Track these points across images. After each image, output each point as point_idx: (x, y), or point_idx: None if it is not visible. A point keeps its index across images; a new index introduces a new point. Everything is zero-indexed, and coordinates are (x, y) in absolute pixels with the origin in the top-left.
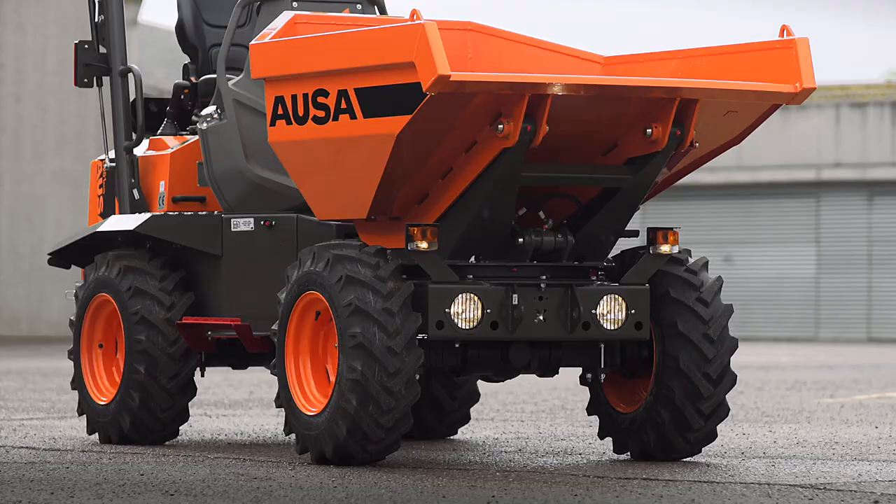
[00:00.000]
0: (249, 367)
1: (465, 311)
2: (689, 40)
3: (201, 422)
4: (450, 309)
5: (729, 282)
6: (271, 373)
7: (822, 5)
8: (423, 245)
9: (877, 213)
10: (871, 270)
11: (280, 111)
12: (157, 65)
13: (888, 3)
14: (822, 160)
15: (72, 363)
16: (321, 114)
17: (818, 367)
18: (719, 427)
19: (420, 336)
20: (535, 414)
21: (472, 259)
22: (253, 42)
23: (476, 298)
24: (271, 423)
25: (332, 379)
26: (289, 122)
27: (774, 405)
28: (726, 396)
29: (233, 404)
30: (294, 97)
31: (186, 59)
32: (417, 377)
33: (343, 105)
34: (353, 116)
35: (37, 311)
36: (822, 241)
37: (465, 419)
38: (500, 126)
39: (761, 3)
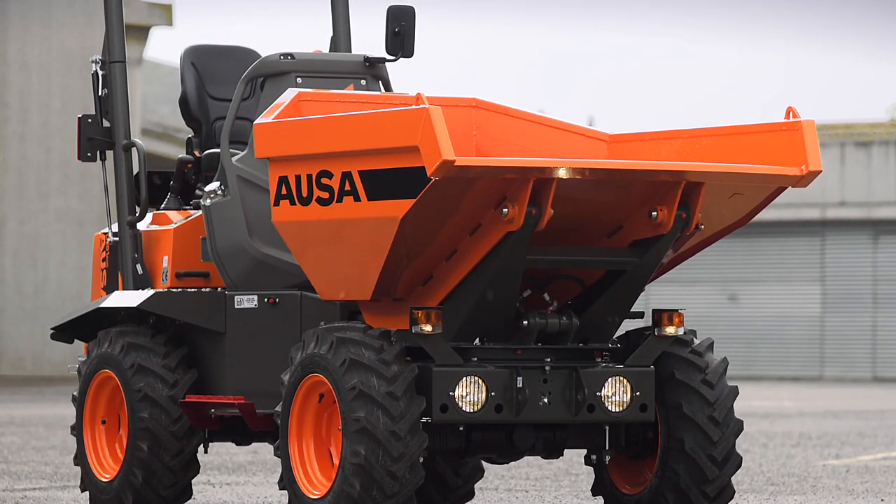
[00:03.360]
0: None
1: (470, 394)
2: (687, 81)
3: (205, 493)
4: (454, 392)
5: (734, 320)
6: (275, 454)
7: (826, 42)
8: (428, 328)
9: (882, 251)
10: (876, 309)
11: (284, 191)
12: (162, 101)
13: (892, 39)
14: (826, 199)
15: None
16: (325, 195)
17: (823, 414)
18: None
19: (424, 419)
20: (540, 481)
21: (477, 341)
22: (257, 121)
23: (480, 381)
24: (275, 493)
25: (336, 462)
26: (292, 203)
27: (779, 468)
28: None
29: (237, 468)
30: (298, 178)
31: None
32: (421, 460)
33: (347, 187)
34: (357, 199)
35: (41, 351)
36: (827, 280)
37: (469, 495)
38: (505, 210)
39: (763, 40)
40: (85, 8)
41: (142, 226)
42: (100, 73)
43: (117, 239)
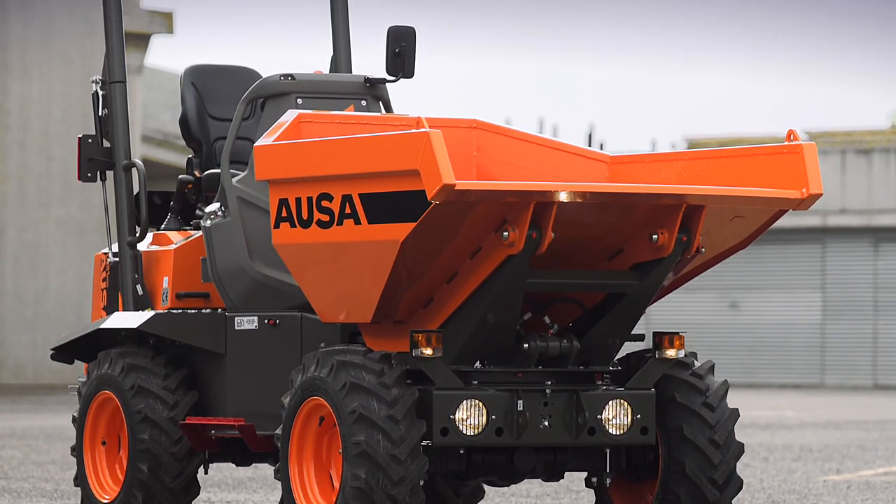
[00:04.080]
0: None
1: (470, 417)
2: (688, 88)
3: None
4: (454, 415)
5: (735, 328)
6: (275, 477)
7: (827, 50)
8: (428, 351)
9: (882, 259)
10: (876, 317)
11: (284, 214)
12: (162, 108)
13: (893, 46)
14: (827, 206)
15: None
16: (325, 218)
17: (824, 425)
18: None
19: (424, 442)
20: (541, 498)
21: (477, 364)
22: (257, 144)
23: (481, 404)
24: None
25: (336, 485)
26: (293, 225)
27: (780, 483)
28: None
29: (237, 484)
30: (298, 200)
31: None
32: (422, 483)
33: (347, 210)
34: (358, 222)
35: (41, 360)
36: (828, 288)
37: None
38: (506, 233)
39: (765, 48)
40: (86, 15)
41: (142, 246)
42: (100, 93)
43: (117, 259)
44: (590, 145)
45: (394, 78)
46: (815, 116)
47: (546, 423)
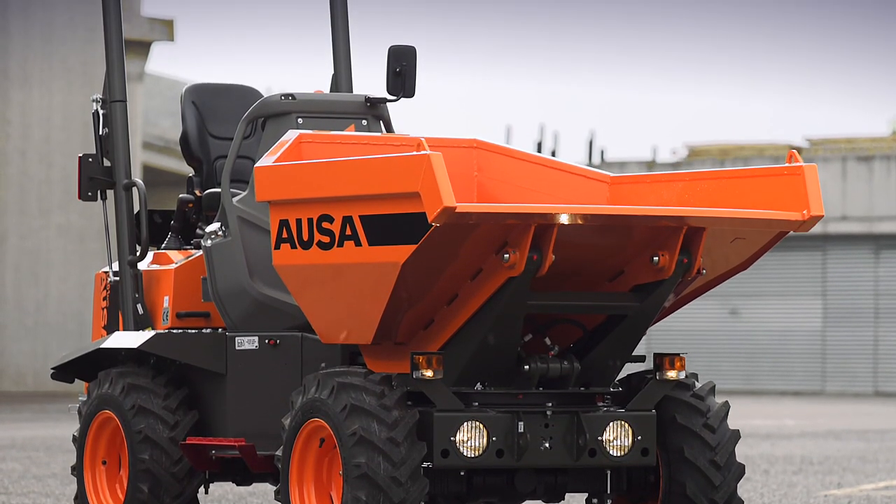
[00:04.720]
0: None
1: (471, 439)
2: (687, 94)
3: None
4: (455, 437)
5: (735, 335)
6: (276, 498)
7: (826, 58)
8: (429, 373)
9: (883, 266)
10: (877, 324)
11: (284, 234)
12: (163, 114)
13: (894, 52)
14: (828, 213)
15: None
16: (326, 239)
17: (825, 434)
18: None
19: (425, 464)
20: None
21: (478, 386)
22: (258, 164)
23: (481, 426)
24: None
25: None
26: (293, 247)
27: (780, 498)
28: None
29: (238, 500)
30: (299, 221)
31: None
32: None
33: (348, 231)
34: (358, 243)
35: (42, 367)
36: (829, 295)
37: None
38: (506, 255)
39: (765, 54)
40: (86, 23)
41: (142, 265)
42: (100, 111)
43: (118, 278)
44: (591, 152)
45: (395, 97)
46: (815, 123)
47: (547, 445)
